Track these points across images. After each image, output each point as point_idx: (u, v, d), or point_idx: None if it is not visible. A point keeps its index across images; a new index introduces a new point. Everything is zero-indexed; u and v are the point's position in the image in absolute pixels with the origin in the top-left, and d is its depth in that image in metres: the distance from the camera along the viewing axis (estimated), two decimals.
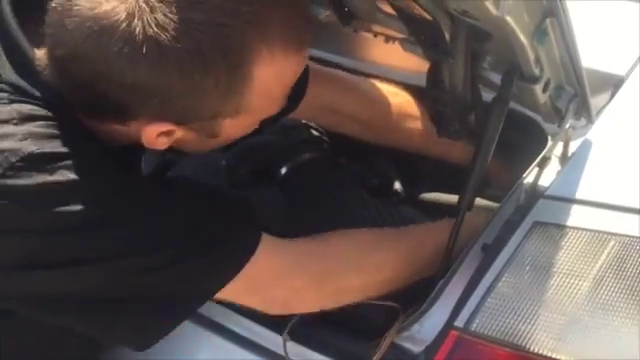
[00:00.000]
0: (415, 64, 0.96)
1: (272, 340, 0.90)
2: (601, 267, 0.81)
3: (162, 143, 0.73)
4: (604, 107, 0.96)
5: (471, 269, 0.85)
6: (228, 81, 0.67)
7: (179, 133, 0.73)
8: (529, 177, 0.91)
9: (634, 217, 0.83)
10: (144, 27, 0.63)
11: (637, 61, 0.98)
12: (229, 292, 0.77)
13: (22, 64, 0.71)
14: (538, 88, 0.77)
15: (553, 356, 0.77)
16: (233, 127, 0.74)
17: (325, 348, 0.89)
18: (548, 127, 0.99)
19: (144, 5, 0.64)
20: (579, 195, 0.85)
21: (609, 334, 0.78)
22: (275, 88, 0.72)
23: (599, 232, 0.82)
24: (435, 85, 0.83)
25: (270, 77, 0.70)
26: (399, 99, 1.06)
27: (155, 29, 0.63)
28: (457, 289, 0.85)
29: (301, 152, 1.02)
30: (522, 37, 0.70)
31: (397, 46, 0.96)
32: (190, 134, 0.73)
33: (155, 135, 0.72)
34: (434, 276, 0.88)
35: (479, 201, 0.90)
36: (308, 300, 0.84)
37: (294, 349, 0.90)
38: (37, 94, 0.70)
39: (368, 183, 1.08)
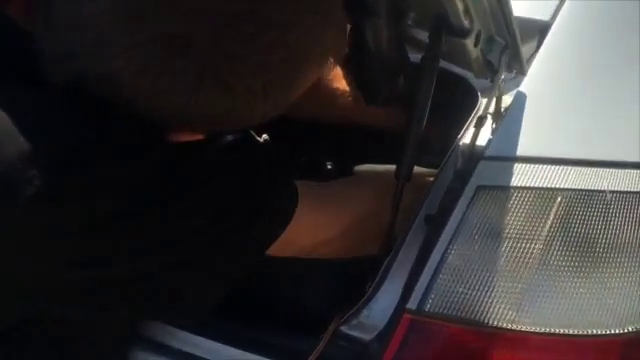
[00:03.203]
0: None
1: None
2: (551, 226, 0.76)
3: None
4: (532, 56, 0.91)
5: (417, 244, 0.80)
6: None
7: None
8: (464, 139, 0.86)
9: (578, 169, 0.79)
10: None
11: (560, 4, 0.93)
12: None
13: None
14: (469, 42, 0.70)
15: (514, 327, 0.73)
16: None
17: (263, 348, 0.83)
18: (477, 83, 0.94)
19: None
20: (520, 152, 0.80)
21: (567, 297, 0.75)
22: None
23: (545, 189, 0.78)
24: (358, 50, 0.75)
25: None
26: None
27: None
28: (404, 267, 0.79)
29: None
30: None
31: None
32: None
33: (181, 138, 0.67)
34: (376, 256, 0.82)
35: (416, 169, 0.84)
36: (332, 250, 0.83)
37: (227, 352, 0.84)
38: None
39: (296, 162, 1.00)
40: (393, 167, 0.85)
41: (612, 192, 0.78)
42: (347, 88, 1.00)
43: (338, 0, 0.64)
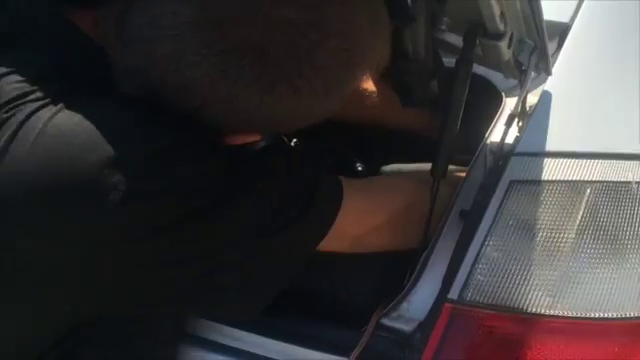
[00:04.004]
0: None
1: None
2: (582, 217, 0.81)
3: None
4: (553, 56, 0.95)
5: (452, 238, 0.83)
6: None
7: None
8: (493, 137, 0.90)
9: (605, 162, 0.83)
10: None
11: (579, 6, 0.98)
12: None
13: None
14: (503, 44, 0.75)
15: (551, 313, 0.77)
16: None
17: (309, 341, 0.86)
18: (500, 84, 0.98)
19: None
20: (549, 148, 0.84)
21: (599, 283, 0.79)
22: None
23: (574, 182, 0.82)
24: (398, 54, 0.79)
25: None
26: None
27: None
28: (442, 261, 0.83)
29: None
30: None
31: None
32: None
33: (237, 140, 0.71)
34: (414, 250, 0.86)
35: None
36: (378, 239, 0.85)
37: (276, 347, 0.86)
38: None
39: (325, 163, 1.04)
40: (422, 165, 0.88)
41: (637, 183, 0.82)
42: (375, 89, 1.04)
43: (386, 11, 0.69)
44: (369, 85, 1.01)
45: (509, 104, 0.93)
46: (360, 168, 1.02)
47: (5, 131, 0.62)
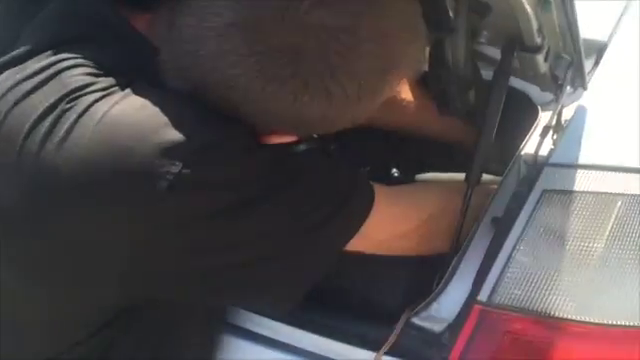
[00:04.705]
0: None
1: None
2: (612, 228, 0.83)
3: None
4: (589, 72, 0.98)
5: (484, 244, 0.86)
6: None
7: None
8: (527, 147, 0.93)
9: (636, 176, 0.85)
10: None
11: (616, 26, 1.00)
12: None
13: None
14: (540, 58, 0.78)
15: (578, 318, 0.79)
16: None
17: (337, 333, 0.89)
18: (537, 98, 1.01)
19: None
20: (582, 160, 0.87)
21: (626, 291, 0.81)
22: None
23: (606, 194, 0.84)
24: (438, 63, 0.83)
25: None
26: None
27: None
28: (472, 265, 0.85)
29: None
30: (527, 7, 0.70)
31: None
32: None
33: (271, 140, 0.73)
34: (445, 254, 0.89)
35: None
36: (405, 246, 0.88)
37: (308, 339, 0.90)
38: None
39: (362, 168, 1.08)
40: (456, 175, 0.91)
41: None
42: (411, 97, 1.06)
43: (421, 19, 0.72)
44: (405, 92, 1.04)
45: (545, 117, 0.96)
46: (396, 174, 1.05)
47: (66, 120, 0.67)
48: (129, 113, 0.67)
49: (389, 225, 0.85)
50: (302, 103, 0.67)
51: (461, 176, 0.91)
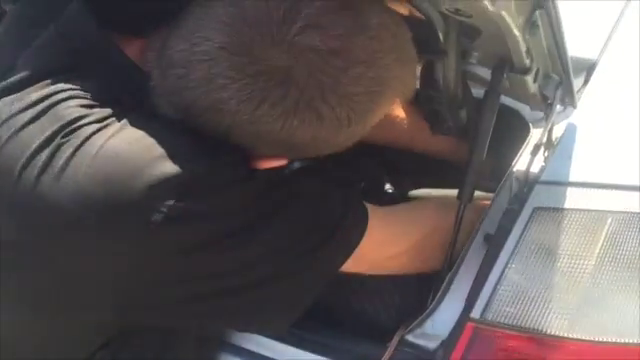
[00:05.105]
0: None
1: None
2: (602, 245, 0.84)
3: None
4: (579, 91, 0.99)
5: (476, 261, 0.87)
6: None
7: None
8: (519, 165, 0.94)
9: (626, 193, 0.87)
10: None
11: (606, 44, 1.02)
12: None
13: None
14: (529, 79, 0.79)
15: (570, 336, 0.80)
16: None
17: (333, 351, 0.90)
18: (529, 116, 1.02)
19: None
20: (573, 177, 0.88)
21: (617, 309, 0.82)
22: None
23: (596, 211, 0.85)
24: (429, 84, 0.84)
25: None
26: None
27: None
28: (465, 282, 0.86)
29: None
30: (515, 31, 0.72)
31: None
32: None
33: (262, 164, 0.73)
34: (437, 272, 0.90)
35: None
36: (398, 264, 0.89)
37: (302, 356, 0.91)
38: None
39: (356, 185, 1.09)
40: (449, 191, 0.92)
41: None
42: (404, 116, 1.07)
43: (412, 43, 0.73)
44: (399, 111, 1.05)
45: (536, 135, 0.97)
46: (390, 190, 1.06)
47: (62, 154, 0.68)
48: (123, 148, 0.68)
49: (383, 246, 0.86)
50: (292, 126, 0.68)
51: (454, 192, 0.92)
